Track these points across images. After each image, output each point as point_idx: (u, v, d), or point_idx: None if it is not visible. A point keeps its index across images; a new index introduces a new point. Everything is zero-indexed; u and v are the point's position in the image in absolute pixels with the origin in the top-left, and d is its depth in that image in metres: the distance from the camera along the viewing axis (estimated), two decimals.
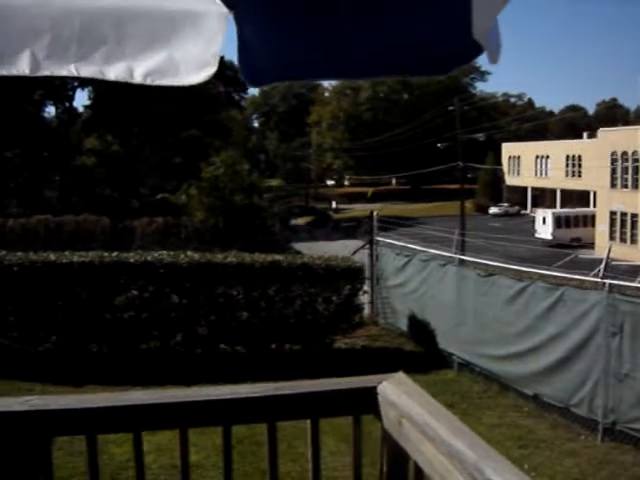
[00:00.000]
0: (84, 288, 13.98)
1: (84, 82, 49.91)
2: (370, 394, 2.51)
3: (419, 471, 2.19)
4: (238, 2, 1.74)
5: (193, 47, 1.83)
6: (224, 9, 1.76)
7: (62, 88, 52.18)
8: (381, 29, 1.75)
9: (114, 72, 1.87)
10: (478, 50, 1.68)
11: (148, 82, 1.86)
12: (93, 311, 13.96)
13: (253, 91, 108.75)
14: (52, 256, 14.27)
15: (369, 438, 2.56)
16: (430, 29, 1.75)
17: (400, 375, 2.60)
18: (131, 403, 2.44)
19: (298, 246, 38.71)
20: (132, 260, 14.27)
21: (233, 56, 1.90)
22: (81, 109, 59.87)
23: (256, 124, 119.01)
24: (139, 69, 1.85)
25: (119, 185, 50.14)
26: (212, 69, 1.82)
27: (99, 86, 48.93)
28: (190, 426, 2.47)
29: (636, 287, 12.64)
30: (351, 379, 2.67)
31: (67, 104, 56.03)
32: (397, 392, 2.45)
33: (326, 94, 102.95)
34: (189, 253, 14.97)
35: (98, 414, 2.35)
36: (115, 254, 14.55)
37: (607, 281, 11.20)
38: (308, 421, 2.52)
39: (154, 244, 24.46)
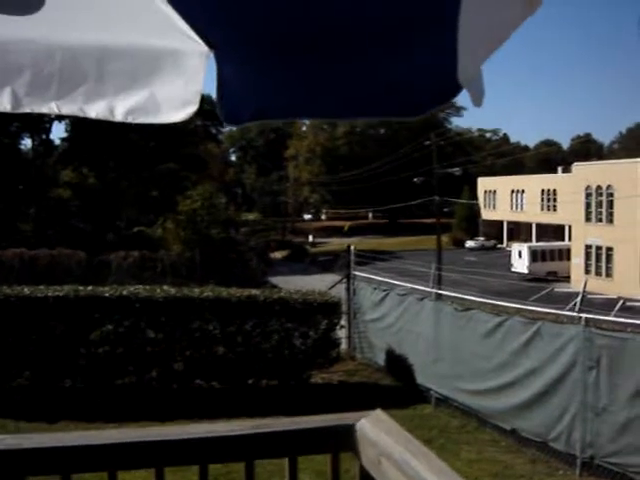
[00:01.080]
0: (58, 322, 13.85)
1: (61, 115, 49.82)
2: (349, 432, 2.48)
3: None
4: (219, 42, 1.74)
5: (174, 85, 1.83)
6: (205, 48, 1.76)
7: (39, 120, 51.99)
8: (362, 71, 1.77)
9: (95, 110, 1.87)
10: (457, 90, 1.69)
11: (129, 120, 1.86)
12: (67, 346, 13.82)
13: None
14: (26, 290, 14.15)
15: (346, 476, 2.53)
16: (412, 72, 1.76)
17: (378, 412, 2.58)
18: (106, 442, 2.40)
19: (275, 280, 38.65)
20: (107, 294, 14.17)
21: (211, 90, 1.90)
22: (58, 141, 59.70)
23: (233, 158, 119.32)
24: (120, 107, 1.85)
25: (95, 218, 49.86)
26: (193, 107, 1.83)
27: (76, 119, 48.85)
28: (166, 465, 2.43)
29: (612, 321, 12.72)
30: (329, 416, 2.65)
31: (44, 136, 55.82)
32: (376, 430, 2.43)
33: (303, 128, 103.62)
34: (165, 287, 14.92)
35: (72, 453, 2.31)
36: (90, 288, 14.45)
37: (583, 315, 11.26)
38: (286, 459, 2.49)
39: (130, 278, 24.33)
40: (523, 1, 1.57)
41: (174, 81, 1.83)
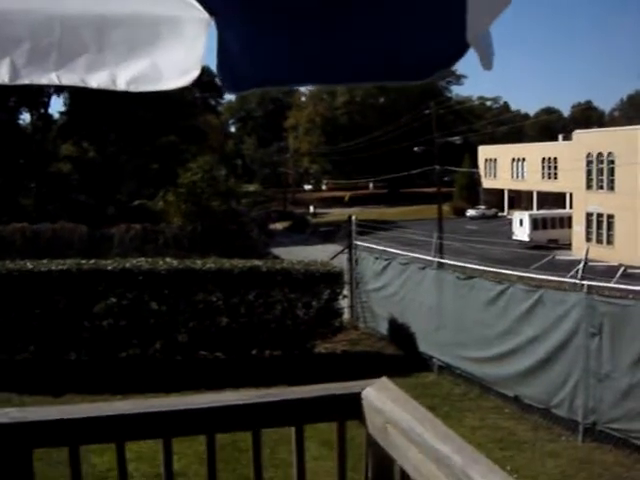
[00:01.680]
0: (62, 296, 13.89)
1: (60, 88, 49.55)
2: (354, 400, 2.49)
3: (405, 476, 2.18)
4: (220, 8, 1.73)
5: (176, 52, 1.82)
6: (206, 15, 1.75)
7: (37, 94, 51.72)
8: (366, 33, 1.75)
9: (96, 80, 1.85)
10: (464, 51, 1.68)
11: (132, 89, 1.85)
12: (71, 319, 13.87)
13: (229, 96, 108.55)
14: (29, 264, 14.16)
15: (352, 443, 2.55)
16: (417, 32, 1.74)
17: (384, 380, 2.59)
18: (114, 413, 2.41)
19: (277, 251, 38.67)
20: (110, 267, 14.18)
21: (209, 61, 1.89)
22: (57, 115, 59.44)
23: (233, 129, 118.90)
24: (122, 76, 1.83)
25: (96, 192, 49.79)
26: (195, 73, 1.82)
27: (75, 92, 48.62)
28: (174, 436, 2.45)
29: (614, 288, 12.74)
30: (335, 385, 2.65)
31: (42, 110, 55.56)
32: (381, 398, 2.44)
33: (303, 99, 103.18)
34: (168, 260, 14.92)
35: (80, 425, 2.32)
36: (93, 261, 14.46)
37: (585, 282, 11.29)
38: (292, 428, 2.51)
39: (132, 251, 24.33)
40: None
41: (175, 48, 1.82)
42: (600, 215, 49.90)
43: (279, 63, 1.86)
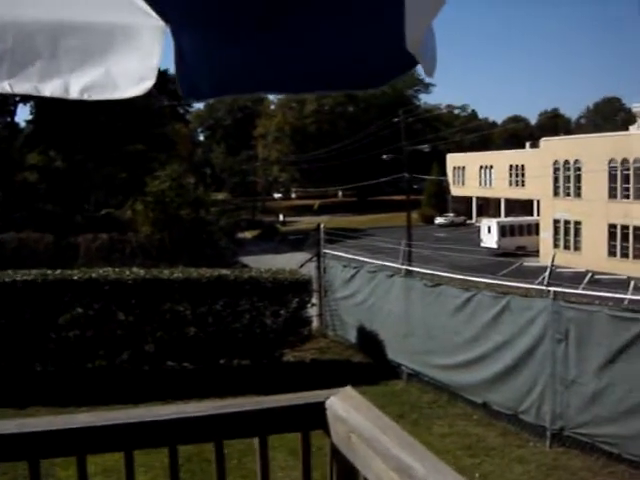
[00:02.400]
0: (27, 307, 13.71)
1: (26, 97, 49.14)
2: (318, 409, 2.48)
3: None
4: (175, 16, 1.71)
5: (130, 61, 1.80)
6: (161, 22, 1.73)
7: (3, 103, 51.23)
8: (317, 44, 1.75)
9: (49, 88, 1.82)
10: (413, 62, 1.69)
11: (85, 97, 1.82)
12: (37, 330, 13.71)
13: (198, 104, 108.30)
14: None
15: (319, 453, 2.53)
16: (364, 43, 1.75)
17: (348, 389, 2.58)
18: (74, 426, 2.37)
19: (245, 260, 38.58)
20: (76, 277, 14.05)
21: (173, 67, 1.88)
22: (23, 124, 58.87)
23: (202, 138, 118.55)
24: (75, 85, 1.81)
25: (63, 201, 49.33)
26: (150, 82, 1.80)
27: (41, 101, 48.19)
28: (135, 448, 2.42)
29: (580, 294, 12.86)
30: (298, 395, 2.64)
31: (8, 119, 55.01)
32: (345, 407, 2.42)
33: (272, 107, 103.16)
34: (134, 269, 14.80)
35: (39, 438, 2.29)
36: (59, 271, 14.31)
37: (552, 288, 11.38)
38: (256, 439, 2.49)
39: (99, 261, 24.14)
40: None
41: (129, 56, 1.80)
42: (567, 222, 50.44)
43: (237, 71, 1.85)
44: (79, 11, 1.80)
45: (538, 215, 56.51)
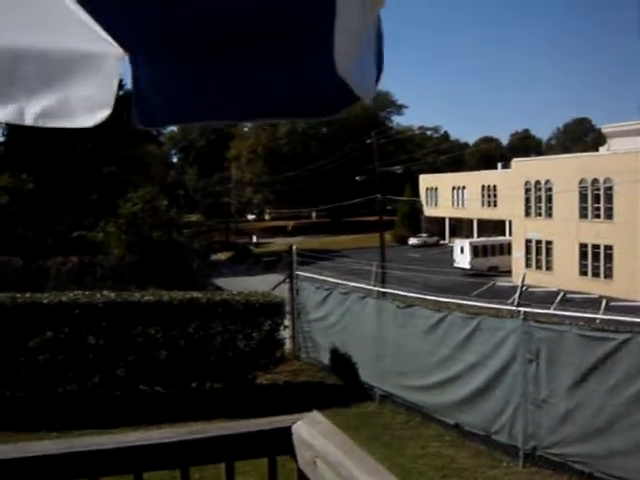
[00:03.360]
0: None
1: None
2: (285, 434, 2.48)
3: None
4: (132, 45, 1.72)
5: (87, 89, 1.79)
6: (120, 50, 1.74)
7: None
8: (265, 74, 1.77)
9: (3, 113, 1.82)
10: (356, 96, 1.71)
11: (40, 124, 1.82)
12: (6, 354, 13.53)
13: (172, 127, 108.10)
14: None
15: (292, 476, 2.53)
16: (308, 72, 1.77)
17: (315, 414, 2.59)
18: (37, 454, 2.36)
19: (218, 282, 38.45)
20: (46, 301, 13.90)
21: None
22: None
23: (175, 159, 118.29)
24: (30, 111, 1.80)
25: (34, 223, 48.92)
26: (107, 111, 1.79)
27: (15, 123, 47.84)
28: (100, 475, 2.40)
29: (551, 313, 12.96)
30: (265, 420, 2.64)
31: None
32: (312, 432, 2.43)
33: (245, 129, 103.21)
34: (105, 292, 14.68)
35: (2, 466, 2.27)
36: (28, 295, 14.16)
37: (522, 309, 11.46)
38: (223, 465, 2.48)
39: (69, 284, 23.91)
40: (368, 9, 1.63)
41: (87, 84, 1.80)
42: (539, 241, 50.84)
43: (186, 101, 1.86)
44: (37, 38, 1.79)
45: (510, 235, 56.90)
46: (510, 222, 57.20)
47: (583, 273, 46.68)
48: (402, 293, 15.70)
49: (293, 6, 1.66)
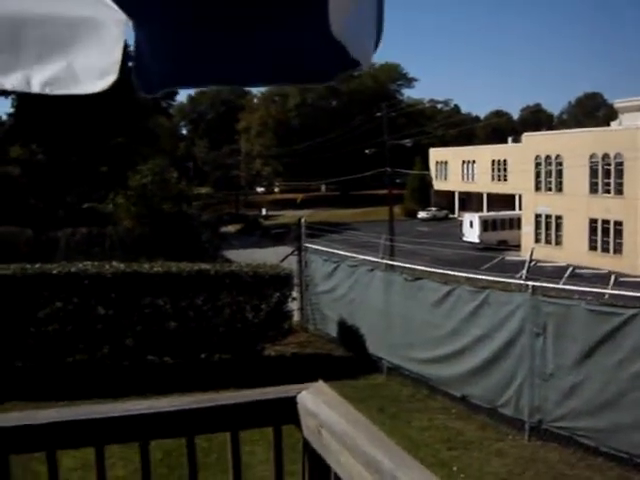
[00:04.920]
0: (6, 301, 13.60)
1: (6, 90, 48.69)
2: (290, 404, 2.49)
3: None
4: (135, 10, 1.71)
5: (92, 55, 1.79)
6: (123, 16, 1.72)
7: None
8: (260, 39, 1.77)
9: (10, 82, 1.81)
10: (355, 61, 1.70)
11: (47, 91, 1.81)
12: (16, 325, 13.61)
13: (181, 98, 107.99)
14: None
15: (298, 446, 2.54)
16: (305, 37, 1.77)
17: (320, 384, 2.59)
18: (43, 421, 2.37)
19: (228, 254, 38.48)
20: (55, 272, 13.94)
21: None
22: (4, 117, 58.45)
23: (184, 131, 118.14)
24: (37, 78, 1.80)
25: (45, 195, 49.03)
26: (112, 77, 1.79)
27: (22, 94, 47.79)
28: (106, 443, 2.42)
29: (559, 288, 12.95)
30: (270, 389, 2.65)
31: None
32: (316, 401, 2.43)
33: (255, 101, 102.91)
34: (114, 263, 14.70)
35: (8, 434, 2.28)
36: (38, 266, 14.20)
37: (530, 283, 11.45)
38: (228, 434, 2.49)
39: (79, 255, 23.96)
40: None
41: (92, 51, 1.79)
42: (549, 216, 50.70)
43: (187, 63, 1.85)
44: (40, 4, 1.78)
45: (520, 210, 56.74)
46: (520, 196, 57.02)
47: (593, 248, 46.60)
48: (410, 266, 15.71)
49: None
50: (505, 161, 68.25)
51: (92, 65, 1.79)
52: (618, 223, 44.48)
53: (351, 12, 1.62)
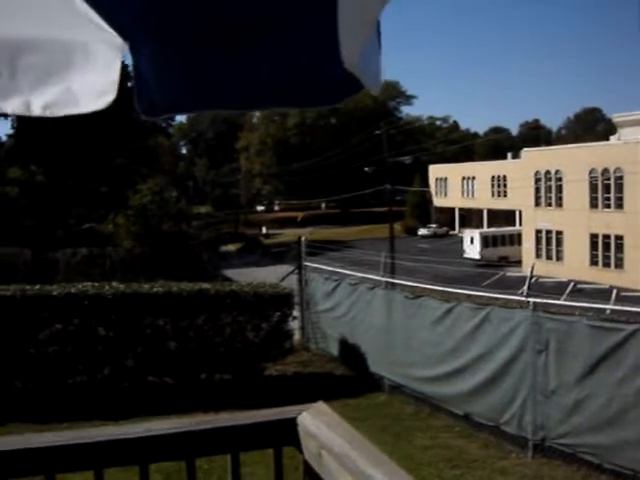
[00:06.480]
0: (6, 323, 13.57)
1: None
2: (290, 425, 2.48)
3: None
4: (131, 32, 1.72)
5: (89, 77, 1.80)
6: (119, 39, 1.73)
7: None
8: (267, 63, 1.77)
9: (10, 106, 1.83)
10: (361, 83, 1.71)
11: (47, 114, 1.83)
12: (16, 346, 13.56)
13: (180, 117, 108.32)
14: None
15: (299, 468, 2.52)
16: (308, 61, 1.77)
17: (320, 405, 2.58)
18: (42, 445, 2.35)
19: (228, 273, 38.50)
20: (55, 293, 13.92)
21: None
22: (4, 138, 58.60)
23: (184, 151, 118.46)
24: (36, 102, 1.81)
25: (44, 216, 49.10)
26: (111, 96, 1.80)
27: (22, 115, 47.92)
28: (105, 466, 2.40)
29: (560, 304, 12.93)
30: (270, 411, 2.63)
31: None
32: (316, 423, 2.42)
33: (254, 120, 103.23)
34: (114, 284, 14.69)
35: (6, 458, 2.26)
36: (38, 287, 14.18)
37: (531, 299, 11.42)
38: (228, 456, 2.48)
39: (78, 275, 23.96)
40: None
41: (88, 73, 1.80)
42: (549, 232, 50.70)
43: (190, 88, 1.86)
44: (36, 29, 1.80)
45: (520, 225, 56.77)
46: (520, 212, 57.05)
47: (594, 263, 46.55)
48: (411, 284, 15.68)
49: None
50: (505, 177, 68.36)
51: (90, 86, 1.80)
52: (619, 237, 44.48)
53: (361, 37, 1.63)
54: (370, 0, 1.60)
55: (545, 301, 11.84)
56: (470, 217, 76.46)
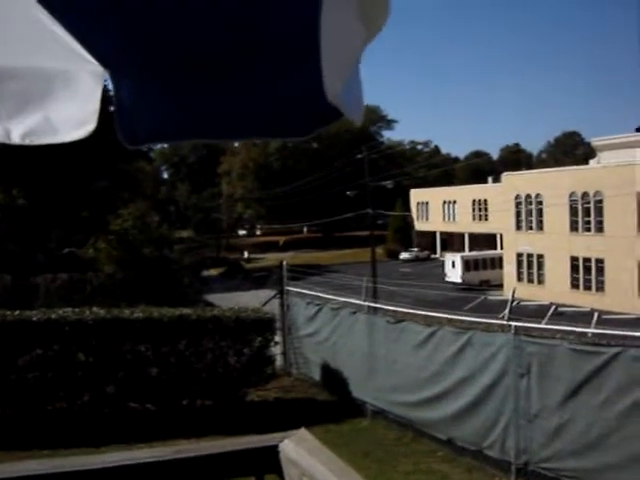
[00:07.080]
0: None
1: None
2: (272, 453, 2.47)
3: None
4: (112, 62, 1.72)
5: (69, 106, 1.80)
6: (100, 67, 1.74)
7: None
8: (245, 94, 1.79)
9: None
10: (339, 113, 1.73)
11: (27, 143, 1.83)
12: None
13: None
14: None
15: None
16: (290, 96, 1.79)
17: (302, 432, 2.57)
18: (23, 474, 2.33)
19: (210, 298, 38.34)
20: (35, 318, 13.79)
21: None
22: None
23: (166, 175, 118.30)
24: (16, 131, 1.81)
25: (24, 240, 48.78)
26: (91, 126, 1.80)
27: (2, 142, 47.73)
28: None
29: (542, 328, 12.95)
30: (253, 438, 2.63)
31: None
32: (298, 450, 2.41)
33: (236, 144, 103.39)
34: (95, 309, 14.57)
35: None
36: (17, 312, 14.05)
37: (513, 323, 11.44)
38: None
39: (59, 301, 23.76)
40: (365, 30, 1.65)
41: (68, 102, 1.80)
42: (530, 255, 50.91)
43: (171, 119, 1.87)
44: (17, 57, 1.80)
45: (501, 249, 57.00)
46: (501, 236, 57.32)
47: (575, 286, 46.76)
48: (392, 308, 15.67)
49: (276, 29, 1.68)
50: (486, 201, 68.74)
51: (70, 116, 1.80)
52: (599, 261, 44.72)
53: (344, 71, 1.65)
54: (353, 35, 1.62)
55: (527, 325, 11.87)
56: (451, 241, 76.76)
